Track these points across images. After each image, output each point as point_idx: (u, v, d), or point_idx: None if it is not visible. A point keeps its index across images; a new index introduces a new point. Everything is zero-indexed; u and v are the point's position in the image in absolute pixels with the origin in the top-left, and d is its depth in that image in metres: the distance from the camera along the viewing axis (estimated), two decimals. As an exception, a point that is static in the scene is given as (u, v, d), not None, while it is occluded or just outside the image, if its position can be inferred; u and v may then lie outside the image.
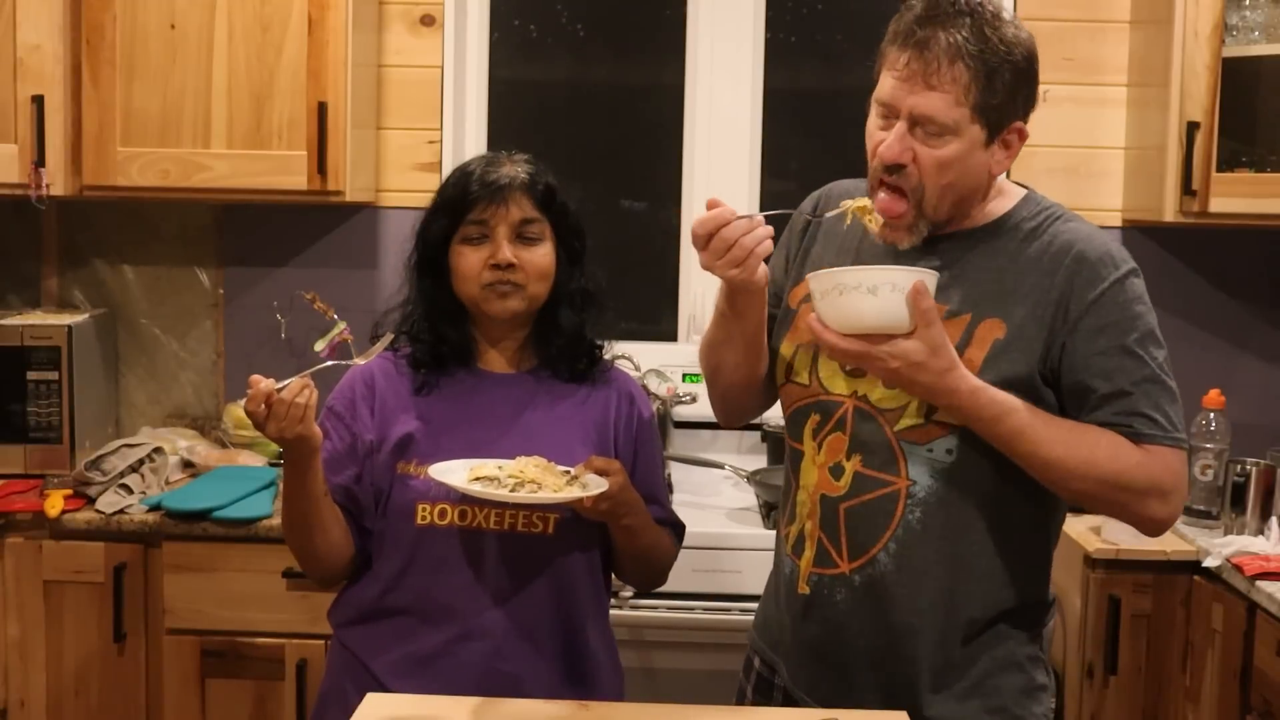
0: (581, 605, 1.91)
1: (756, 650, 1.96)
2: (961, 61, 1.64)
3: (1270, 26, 2.86)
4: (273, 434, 1.72)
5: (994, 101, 1.66)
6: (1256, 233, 3.07)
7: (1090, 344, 1.68)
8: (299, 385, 1.71)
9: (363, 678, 1.87)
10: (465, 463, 1.80)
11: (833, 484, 1.79)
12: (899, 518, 1.74)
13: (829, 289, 1.62)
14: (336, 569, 1.91)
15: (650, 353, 3.12)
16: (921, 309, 1.59)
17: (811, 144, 3.42)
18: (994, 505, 1.73)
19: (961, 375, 1.64)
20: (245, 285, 3.24)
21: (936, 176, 1.69)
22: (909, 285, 1.59)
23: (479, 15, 3.31)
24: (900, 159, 1.69)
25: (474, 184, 1.87)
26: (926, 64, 1.64)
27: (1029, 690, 1.79)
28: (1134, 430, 1.68)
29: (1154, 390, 1.69)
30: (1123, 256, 1.72)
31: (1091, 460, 1.66)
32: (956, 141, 1.67)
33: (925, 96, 1.65)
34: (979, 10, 1.66)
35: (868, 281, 1.59)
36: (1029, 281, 1.71)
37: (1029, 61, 1.69)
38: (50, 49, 2.81)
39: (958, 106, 1.65)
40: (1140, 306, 1.71)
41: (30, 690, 2.70)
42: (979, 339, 1.70)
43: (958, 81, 1.64)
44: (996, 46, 1.65)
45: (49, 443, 2.88)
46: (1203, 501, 2.74)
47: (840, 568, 1.78)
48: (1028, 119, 1.73)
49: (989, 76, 1.65)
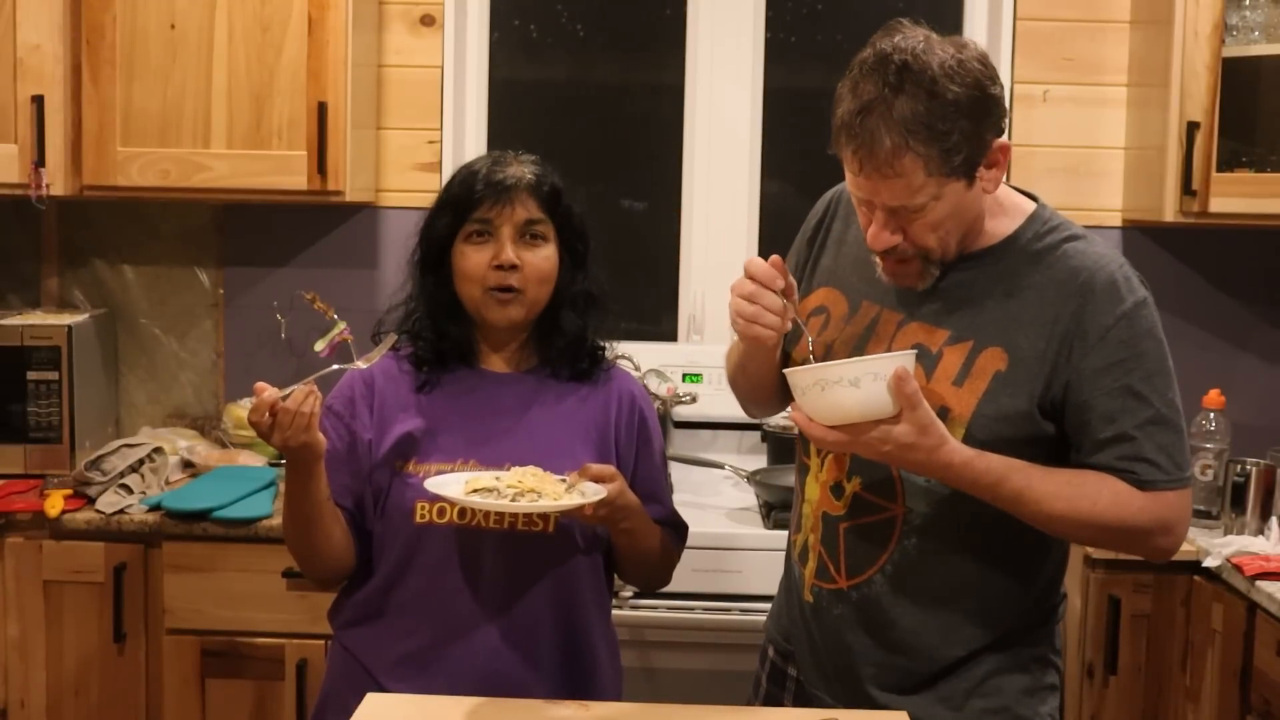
0: (583, 604, 1.91)
1: (771, 640, 1.97)
2: (909, 151, 1.57)
3: (1270, 26, 2.86)
4: (277, 443, 1.71)
5: (959, 158, 1.60)
6: (1256, 233, 3.07)
7: (1094, 383, 1.66)
8: (303, 393, 1.70)
9: (363, 678, 1.87)
10: (460, 476, 1.79)
11: (833, 503, 1.79)
12: (895, 543, 1.74)
13: (810, 385, 1.61)
14: (337, 571, 1.91)
15: (650, 353, 3.11)
16: (906, 394, 1.58)
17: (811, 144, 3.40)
18: (991, 535, 1.72)
19: (953, 449, 1.63)
20: (245, 285, 3.24)
21: (932, 235, 1.67)
22: (890, 372, 1.58)
23: (479, 15, 3.31)
24: (890, 244, 1.67)
25: (480, 183, 1.86)
26: (877, 162, 1.59)
27: (1033, 690, 1.79)
28: (1137, 477, 1.66)
29: (1158, 432, 1.67)
30: (1131, 286, 1.69)
31: (1094, 511, 1.66)
32: (939, 204, 1.63)
33: (889, 188, 1.61)
34: (909, 69, 1.57)
35: (849, 375, 1.58)
36: (1033, 310, 1.69)
37: (981, 89, 1.60)
38: (50, 49, 2.81)
39: (926, 184, 1.60)
40: (1148, 342, 1.67)
41: (30, 690, 2.70)
42: (979, 369, 1.69)
43: (914, 169, 1.58)
44: (940, 109, 1.57)
45: (49, 443, 2.88)
46: (1203, 501, 2.74)
47: (839, 583, 1.79)
48: (1004, 131, 1.66)
49: (944, 144, 1.58)
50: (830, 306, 1.84)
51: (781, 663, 1.93)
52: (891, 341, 1.75)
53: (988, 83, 1.62)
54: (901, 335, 1.74)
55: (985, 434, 1.67)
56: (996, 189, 1.71)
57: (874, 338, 1.76)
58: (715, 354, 3.18)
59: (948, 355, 1.70)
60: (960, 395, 1.68)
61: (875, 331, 1.77)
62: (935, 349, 1.71)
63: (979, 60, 1.62)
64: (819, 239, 1.91)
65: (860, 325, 1.79)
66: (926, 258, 1.69)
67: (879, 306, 1.79)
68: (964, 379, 1.69)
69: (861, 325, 1.79)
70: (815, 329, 1.83)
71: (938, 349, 1.71)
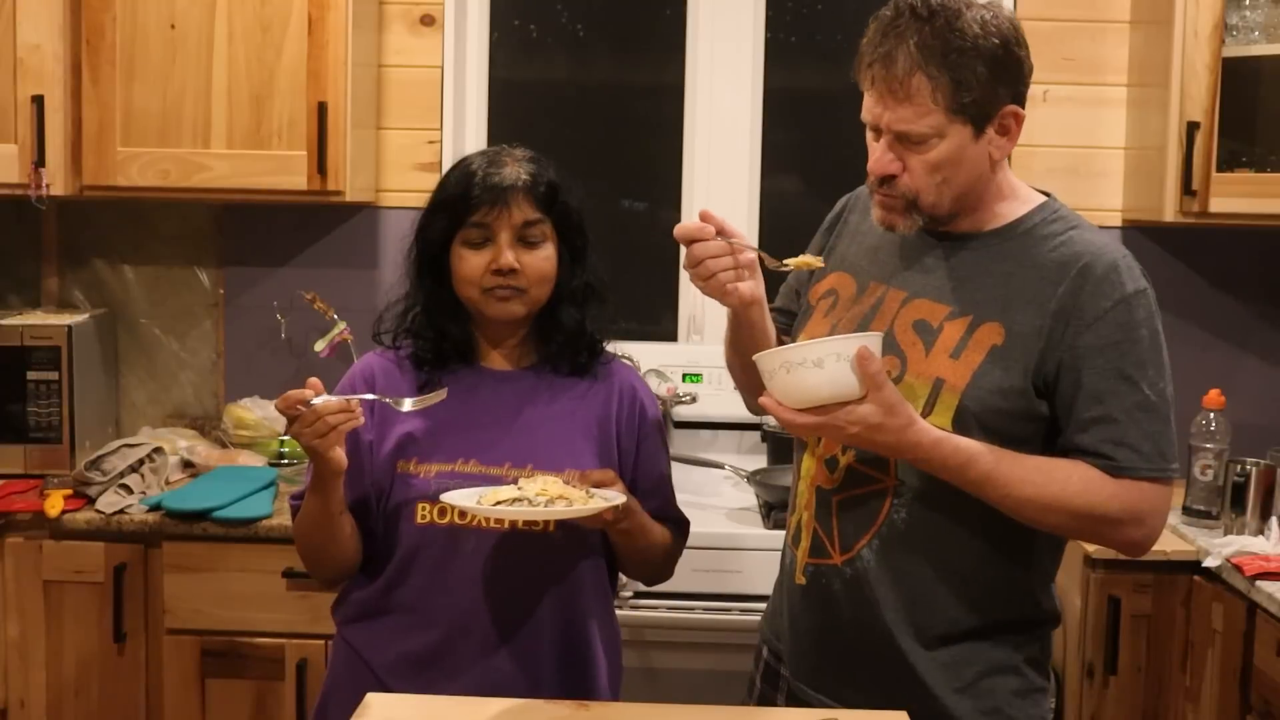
0: (583, 603, 1.90)
1: (765, 640, 1.97)
2: (921, 71, 1.63)
3: (1270, 26, 2.86)
4: (294, 436, 1.73)
5: (970, 97, 1.65)
6: (1256, 233, 3.07)
7: (1087, 362, 1.67)
8: (336, 404, 1.71)
9: (364, 675, 1.87)
10: (474, 491, 1.78)
11: (827, 476, 1.80)
12: (884, 516, 1.75)
13: (776, 368, 1.62)
14: (342, 573, 1.92)
15: (650, 353, 3.11)
16: (869, 373, 1.59)
17: (811, 144, 3.42)
18: (980, 514, 1.72)
19: (921, 429, 1.64)
20: (245, 285, 3.24)
21: (928, 178, 1.70)
22: (853, 352, 1.59)
23: (479, 15, 3.31)
24: (889, 170, 1.70)
25: (475, 187, 1.85)
26: (891, 80, 1.65)
27: (1024, 692, 1.79)
28: (1114, 463, 1.66)
29: (1145, 419, 1.67)
30: (1133, 274, 1.70)
31: (1062, 495, 1.66)
32: (942, 143, 1.67)
33: (897, 111, 1.66)
34: (939, 11, 1.65)
35: (812, 356, 1.60)
36: (1032, 288, 1.70)
37: (1006, 47, 1.66)
38: (50, 49, 2.81)
39: (931, 113, 1.65)
40: (1144, 330, 1.68)
41: (30, 690, 2.70)
42: (977, 342, 1.70)
43: (923, 91, 1.64)
44: (960, 43, 1.63)
45: (49, 443, 2.88)
46: (1203, 501, 2.74)
47: (834, 559, 1.79)
48: (1022, 102, 1.72)
49: (957, 76, 1.64)
50: (840, 289, 1.87)
51: (775, 663, 1.93)
52: (895, 319, 1.77)
53: (1014, 44, 1.68)
54: (905, 312, 1.77)
55: (978, 406, 1.68)
56: (1003, 158, 1.74)
57: (878, 316, 1.79)
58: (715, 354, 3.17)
59: (947, 329, 1.72)
60: (956, 367, 1.70)
61: (880, 310, 1.79)
62: (936, 324, 1.74)
63: (1011, 22, 1.69)
64: (836, 229, 1.95)
65: (865, 305, 1.82)
66: (916, 204, 1.72)
67: (885, 286, 1.81)
68: (960, 351, 1.70)
69: (867, 305, 1.81)
70: (823, 310, 1.85)
71: (938, 323, 1.74)
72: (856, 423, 1.61)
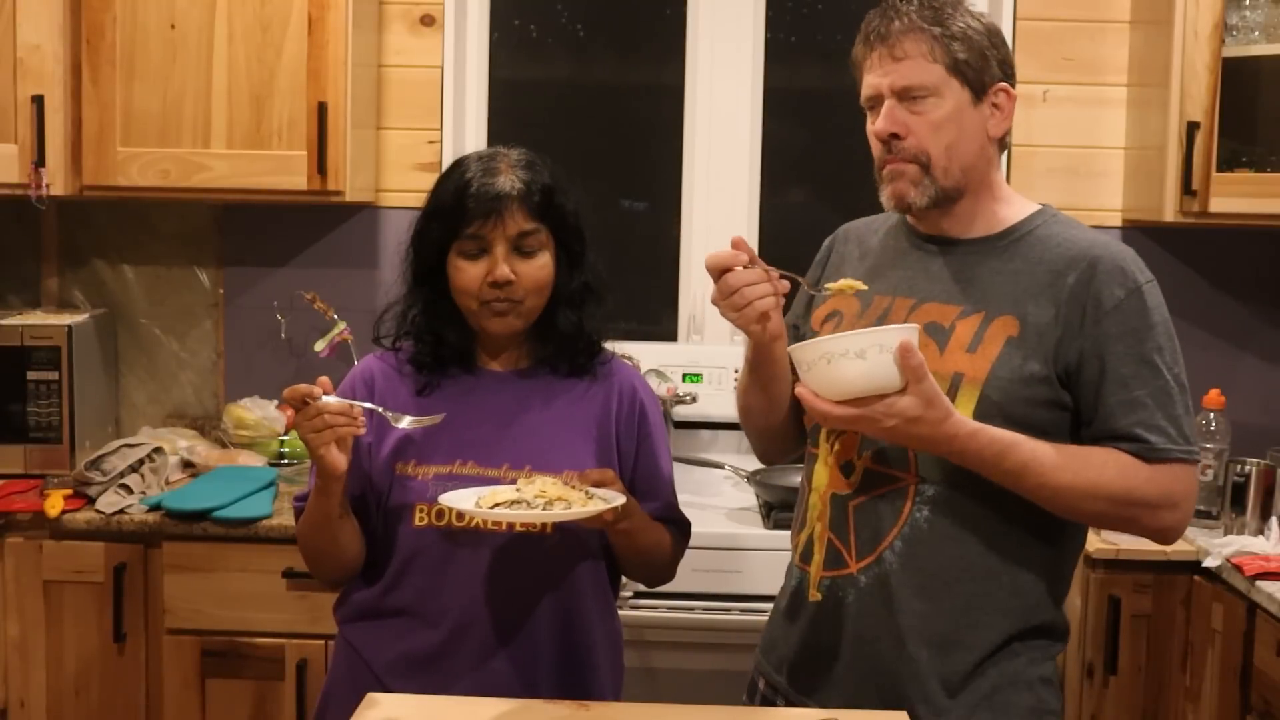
0: (583, 603, 1.90)
1: (762, 673, 1.94)
2: (917, 30, 1.72)
3: (1270, 26, 2.85)
4: (295, 427, 1.74)
5: (964, 57, 1.72)
6: (1256, 233, 3.07)
7: (1109, 348, 1.68)
8: (340, 406, 1.71)
9: (364, 675, 1.87)
10: (473, 491, 1.78)
11: (843, 481, 1.79)
12: (906, 515, 1.73)
13: (816, 359, 1.61)
14: (343, 575, 1.92)
15: (650, 353, 3.12)
16: (911, 365, 1.58)
17: (811, 144, 3.42)
18: (1003, 512, 1.71)
19: (959, 421, 1.63)
20: (245, 285, 3.24)
21: (934, 138, 1.73)
22: (896, 344, 1.58)
23: (479, 15, 3.31)
24: (894, 128, 1.73)
25: (470, 198, 1.83)
26: (889, 46, 1.74)
27: (1039, 712, 1.77)
28: (1149, 445, 1.67)
29: (1168, 402, 1.68)
30: (1140, 266, 1.73)
31: (1100, 480, 1.66)
32: (943, 101, 1.73)
33: (897, 69, 1.73)
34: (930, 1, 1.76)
35: (854, 346, 1.59)
36: (1041, 282, 1.71)
37: (990, 36, 1.76)
38: (50, 49, 2.81)
39: (930, 66, 1.72)
40: (1158, 316, 1.71)
41: (30, 690, 2.70)
42: (991, 336, 1.71)
43: (920, 46, 1.72)
44: (951, 17, 1.73)
45: (49, 443, 2.88)
46: (1203, 501, 2.74)
47: (850, 568, 1.77)
48: (1012, 84, 1.78)
49: (949, 38, 1.72)
50: (844, 309, 1.87)
51: (771, 694, 1.90)
52: None
53: (999, 40, 1.78)
54: (915, 317, 1.77)
55: (1000, 395, 1.68)
56: (999, 134, 1.78)
57: (888, 322, 1.78)
58: (715, 354, 3.19)
59: (960, 327, 1.72)
60: (974, 360, 1.70)
61: (888, 318, 1.79)
62: (948, 324, 1.74)
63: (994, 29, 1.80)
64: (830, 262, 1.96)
65: (872, 318, 1.82)
66: (927, 168, 1.74)
67: (890, 297, 1.81)
68: (977, 345, 1.71)
69: (873, 317, 1.81)
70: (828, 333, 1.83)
71: (950, 323, 1.74)
72: (895, 415, 1.60)
